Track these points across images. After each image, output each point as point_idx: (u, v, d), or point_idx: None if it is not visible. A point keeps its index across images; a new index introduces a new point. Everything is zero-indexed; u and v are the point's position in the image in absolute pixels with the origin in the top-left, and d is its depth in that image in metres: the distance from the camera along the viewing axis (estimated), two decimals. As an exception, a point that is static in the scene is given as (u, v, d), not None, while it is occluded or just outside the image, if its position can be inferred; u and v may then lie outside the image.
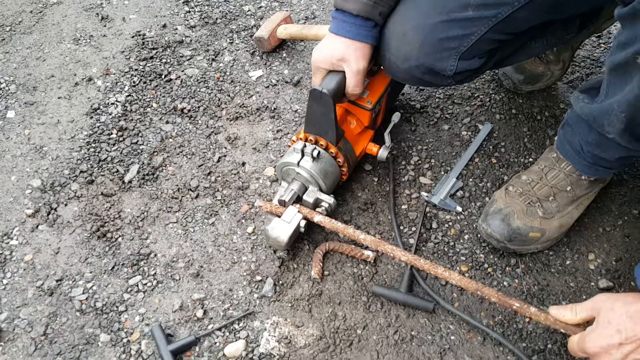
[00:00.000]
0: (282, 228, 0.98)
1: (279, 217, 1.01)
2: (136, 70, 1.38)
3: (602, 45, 1.46)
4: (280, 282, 1.02)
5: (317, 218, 1.00)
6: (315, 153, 1.01)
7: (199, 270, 1.03)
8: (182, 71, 1.39)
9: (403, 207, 1.13)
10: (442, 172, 1.19)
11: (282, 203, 1.02)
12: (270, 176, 1.19)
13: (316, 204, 1.04)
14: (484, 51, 0.95)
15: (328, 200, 1.03)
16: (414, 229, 1.10)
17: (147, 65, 1.39)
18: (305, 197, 1.03)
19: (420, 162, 1.21)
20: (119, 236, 1.08)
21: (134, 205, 1.12)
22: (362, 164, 1.20)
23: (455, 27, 0.90)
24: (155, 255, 1.05)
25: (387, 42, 0.94)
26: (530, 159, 1.21)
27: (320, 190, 1.04)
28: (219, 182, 1.17)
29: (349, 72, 0.95)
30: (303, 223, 1.00)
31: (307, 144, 1.03)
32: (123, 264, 1.03)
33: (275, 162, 1.21)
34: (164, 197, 1.14)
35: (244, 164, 1.21)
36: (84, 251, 1.05)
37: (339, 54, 0.94)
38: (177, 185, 1.16)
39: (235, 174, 1.19)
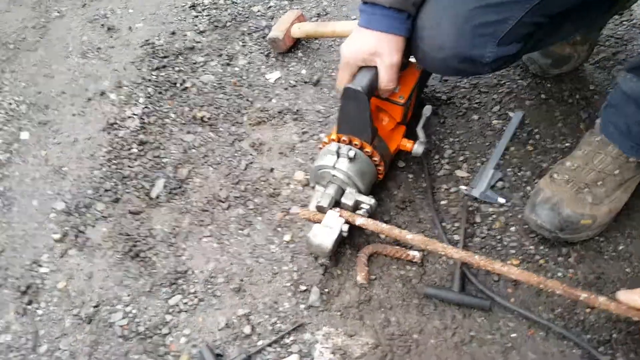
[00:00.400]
0: (325, 234, 0.94)
1: (318, 223, 0.97)
2: (149, 80, 1.33)
3: (625, 22, 1.43)
4: (326, 290, 0.98)
5: (360, 221, 0.96)
6: (351, 154, 0.96)
7: (240, 284, 0.99)
8: (197, 78, 1.34)
9: (442, 202, 1.10)
10: (479, 164, 1.15)
11: (321, 209, 0.98)
12: (301, 180, 1.14)
13: (356, 207, 0.99)
14: (521, 35, 0.91)
15: (368, 201, 0.99)
16: (457, 224, 1.06)
17: (160, 74, 1.35)
18: (344, 200, 0.99)
19: (454, 154, 1.17)
20: (153, 255, 1.03)
21: (165, 222, 1.08)
22: (394, 161, 1.15)
23: (492, 12, 0.86)
24: (193, 272, 1.01)
25: (421, 33, 0.90)
26: (567, 144, 1.18)
27: (359, 191, 1.00)
28: (249, 190, 1.13)
29: (382, 66, 0.91)
30: (346, 227, 0.96)
31: (341, 144, 0.98)
32: (161, 284, 0.99)
33: (304, 165, 1.17)
34: (194, 211, 1.10)
35: (272, 169, 1.16)
36: (119, 273, 1.01)
37: (371, 48, 0.90)
38: (207, 197, 1.12)
39: (264, 181, 1.15)
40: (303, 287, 0.98)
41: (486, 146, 1.18)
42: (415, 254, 1.00)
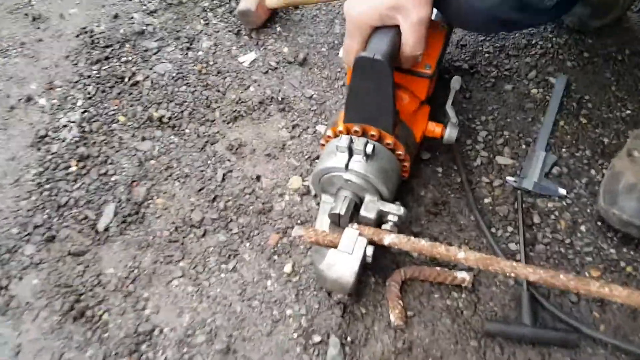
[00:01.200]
0: (345, 263, 0.67)
1: (332, 247, 0.70)
2: (89, 77, 1.04)
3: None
4: (349, 338, 0.71)
5: (389, 239, 0.69)
6: (369, 149, 0.70)
7: (229, 342, 0.72)
8: (150, 69, 1.05)
9: (486, 201, 0.84)
10: (524, 146, 0.90)
11: (336, 219, 0.71)
12: (298, 188, 0.87)
13: (380, 219, 0.73)
14: None
15: (396, 211, 0.72)
16: (509, 229, 0.80)
17: (103, 68, 1.05)
18: (363, 212, 0.72)
19: (490, 137, 0.91)
20: (104, 311, 0.74)
21: (118, 262, 0.79)
22: (418, 152, 0.89)
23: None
24: (161, 330, 0.73)
25: None
26: (628, 111, 0.93)
27: (381, 198, 0.73)
28: (231, 208, 0.85)
29: (407, 25, 0.64)
30: (370, 251, 0.69)
31: (353, 137, 0.71)
32: (117, 353, 0.71)
33: (299, 168, 0.90)
34: (158, 243, 0.81)
35: (258, 177, 0.89)
36: (57, 343, 0.72)
37: (390, 0, 0.63)
38: (174, 223, 0.83)
39: (250, 194, 0.87)
40: (317, 338, 0.71)
41: (529, 123, 0.93)
42: (465, 276, 0.74)
